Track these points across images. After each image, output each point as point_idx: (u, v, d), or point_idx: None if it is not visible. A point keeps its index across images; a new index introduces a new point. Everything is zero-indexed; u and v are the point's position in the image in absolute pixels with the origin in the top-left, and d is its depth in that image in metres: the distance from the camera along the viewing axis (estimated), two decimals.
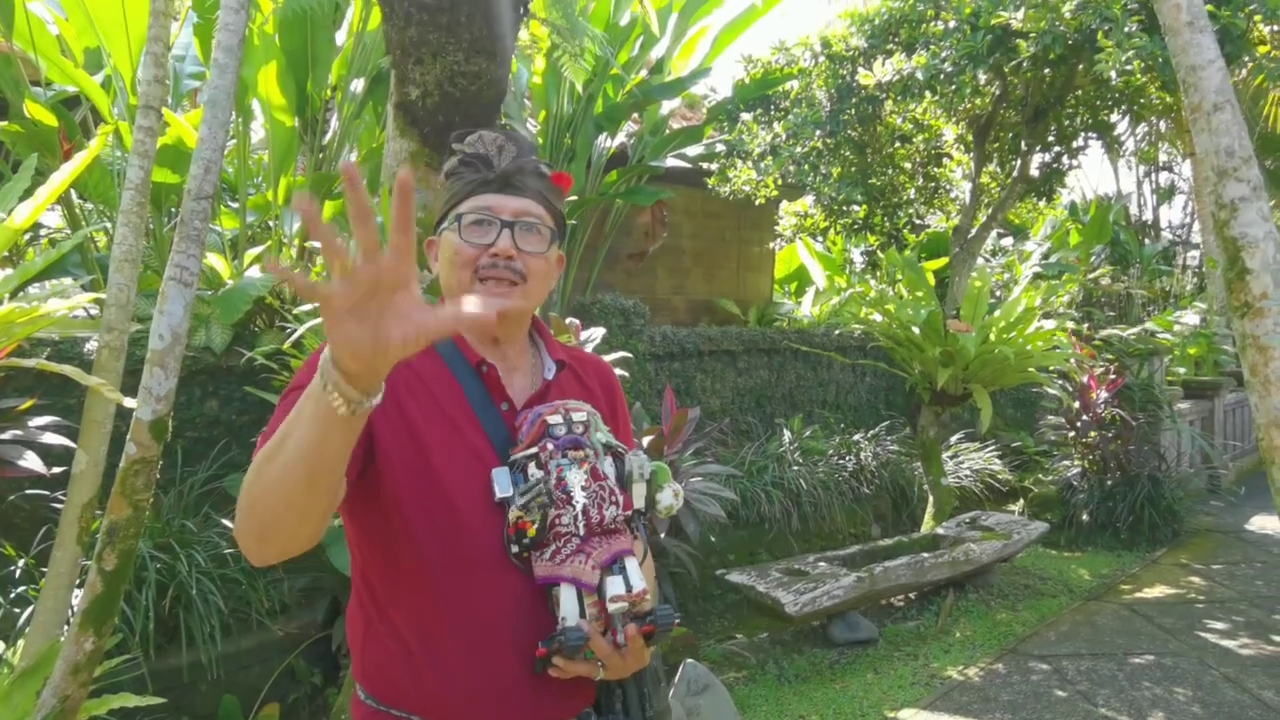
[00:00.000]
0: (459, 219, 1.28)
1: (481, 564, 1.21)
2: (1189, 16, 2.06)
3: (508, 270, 1.27)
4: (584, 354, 1.51)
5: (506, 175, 1.30)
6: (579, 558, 1.19)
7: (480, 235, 1.27)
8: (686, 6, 6.90)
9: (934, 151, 7.20)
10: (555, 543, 1.20)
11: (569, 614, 1.17)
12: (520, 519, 1.19)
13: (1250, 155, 2.02)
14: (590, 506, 1.21)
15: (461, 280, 1.28)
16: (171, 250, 2.48)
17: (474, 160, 1.32)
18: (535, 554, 1.20)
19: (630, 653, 1.20)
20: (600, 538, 1.22)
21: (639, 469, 1.28)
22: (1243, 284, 2.00)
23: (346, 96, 5.44)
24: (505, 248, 1.27)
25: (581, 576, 1.18)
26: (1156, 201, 14.30)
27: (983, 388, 5.79)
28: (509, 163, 1.31)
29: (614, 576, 1.19)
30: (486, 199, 1.29)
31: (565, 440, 1.24)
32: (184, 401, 4.01)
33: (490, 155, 1.32)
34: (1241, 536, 7.08)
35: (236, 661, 3.55)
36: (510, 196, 1.29)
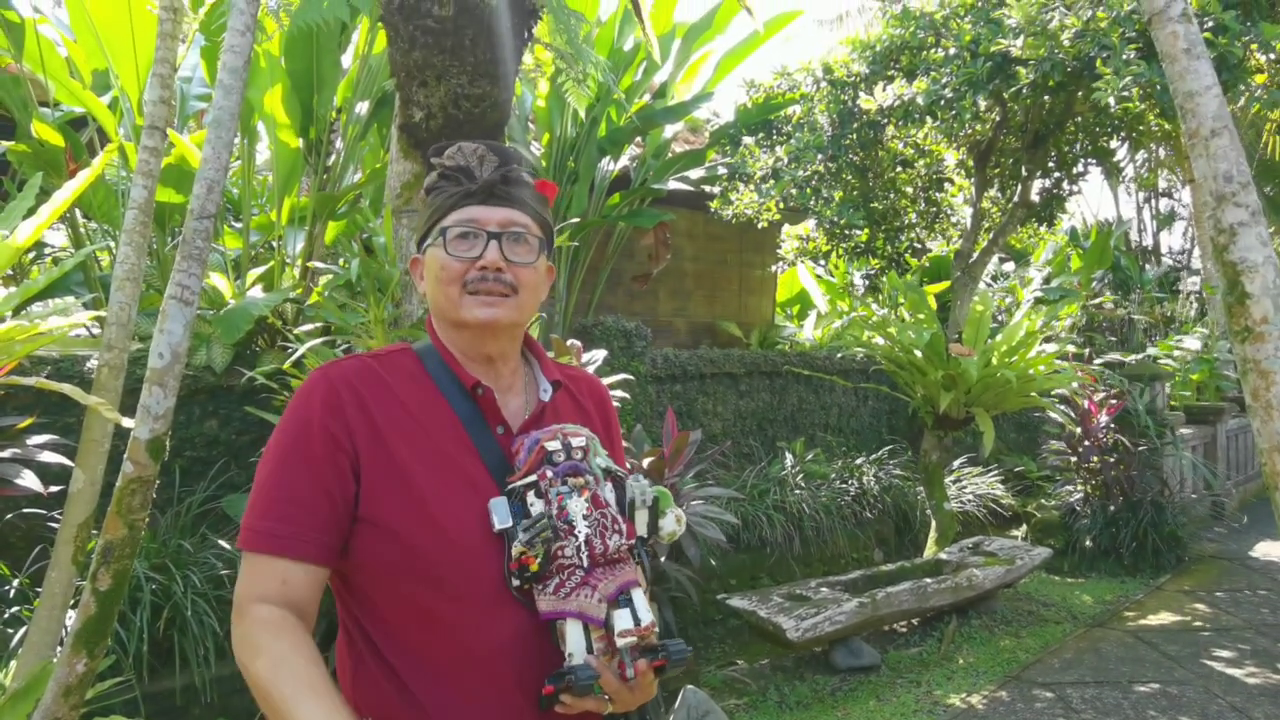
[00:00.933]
0: (443, 233, 1.24)
1: (481, 599, 1.15)
2: (1186, 44, 2.07)
3: (498, 283, 1.23)
4: (578, 372, 1.47)
5: (490, 185, 1.25)
6: (584, 591, 1.14)
7: (466, 248, 1.23)
8: (689, 32, 6.97)
9: (935, 176, 7.24)
10: (558, 575, 1.15)
11: (576, 650, 1.13)
12: (523, 554, 1.14)
13: (1249, 180, 2.02)
14: (593, 536, 1.16)
15: (450, 296, 1.24)
16: (173, 269, 2.48)
17: (454, 172, 1.27)
18: (538, 588, 1.15)
19: (639, 687, 1.16)
20: (604, 568, 1.17)
21: (641, 496, 1.24)
22: (1243, 309, 2.00)
23: (351, 118, 5.48)
24: (494, 259, 1.23)
25: (588, 611, 1.14)
26: (1157, 227, 14.35)
27: (985, 412, 5.78)
28: (491, 172, 1.26)
29: (621, 610, 1.15)
30: (470, 211, 1.24)
31: (565, 467, 1.19)
32: (183, 421, 4.00)
33: (471, 166, 1.27)
34: (1246, 564, 7.03)
35: (230, 684, 3.51)
36: (495, 207, 1.25)
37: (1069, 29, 4.97)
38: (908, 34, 5.83)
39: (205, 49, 5.02)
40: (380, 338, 2.99)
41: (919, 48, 5.78)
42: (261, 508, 1.16)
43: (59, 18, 6.35)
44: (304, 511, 1.15)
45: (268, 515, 1.16)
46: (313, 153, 5.26)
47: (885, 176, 6.98)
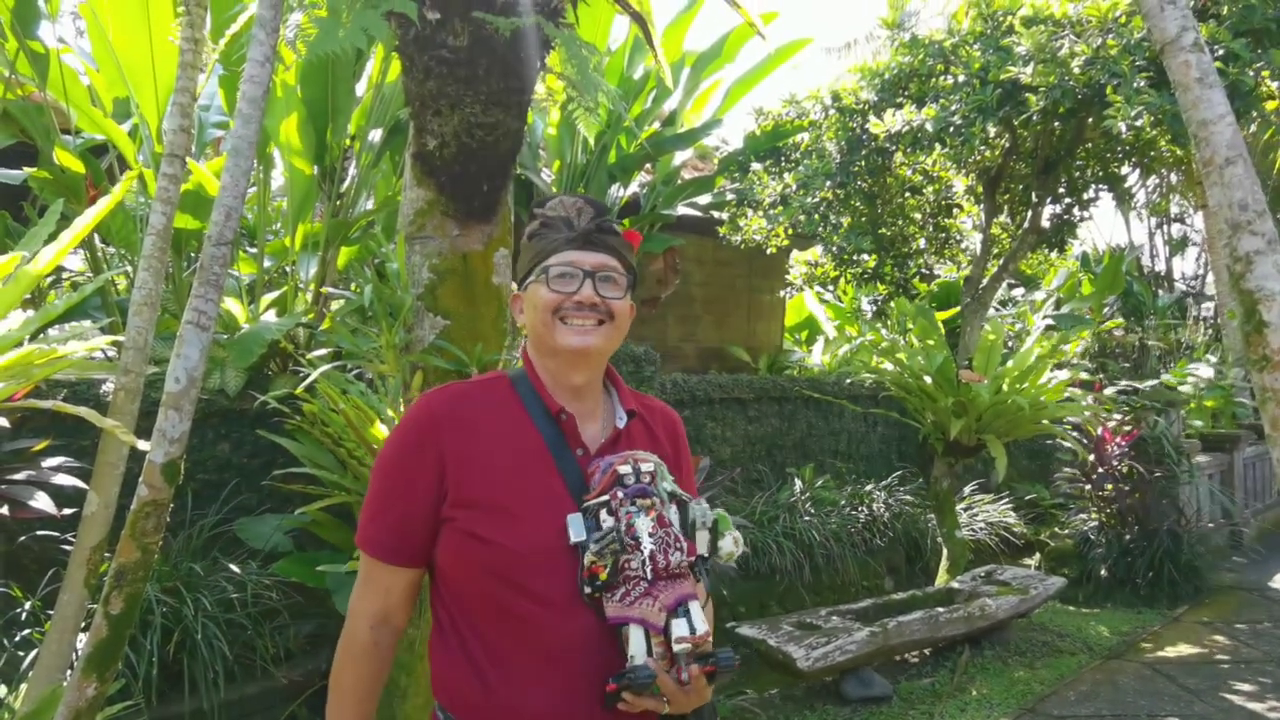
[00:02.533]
0: (545, 271, 1.42)
1: (556, 602, 1.30)
2: (1198, 73, 2.08)
3: (593, 311, 1.41)
4: (654, 402, 1.63)
5: (587, 234, 1.43)
6: (647, 600, 1.28)
7: (565, 285, 1.41)
8: (699, 61, 7.03)
9: (944, 202, 7.25)
10: (624, 585, 1.29)
11: (637, 653, 1.26)
12: (594, 563, 1.28)
13: (1264, 209, 2.02)
14: (657, 552, 1.30)
15: (546, 322, 1.41)
16: (190, 294, 2.51)
17: (555, 221, 1.45)
18: (606, 595, 1.29)
19: (693, 690, 1.28)
20: (666, 581, 1.30)
21: (702, 517, 1.38)
22: (1260, 337, 1.99)
23: (365, 146, 5.54)
24: (589, 295, 1.41)
25: (649, 618, 1.27)
26: (1169, 253, 14.31)
27: (996, 438, 5.74)
28: (587, 222, 1.44)
29: (679, 619, 1.27)
30: (570, 255, 1.42)
31: (634, 489, 1.34)
32: (196, 444, 4.02)
33: (570, 217, 1.45)
34: (1266, 594, 6.93)
35: (240, 709, 3.50)
36: (591, 252, 1.43)
37: (1079, 56, 5.00)
38: (916, 61, 5.86)
39: (224, 78, 5.10)
40: (391, 363, 3.00)
41: (928, 75, 5.81)
42: (369, 514, 1.43)
43: (82, 47, 6.47)
44: (401, 522, 1.39)
45: (374, 522, 1.42)
46: (326, 180, 5.32)
47: (894, 203, 7.00)
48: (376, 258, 4.82)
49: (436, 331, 2.90)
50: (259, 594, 3.65)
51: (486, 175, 2.95)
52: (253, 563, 3.86)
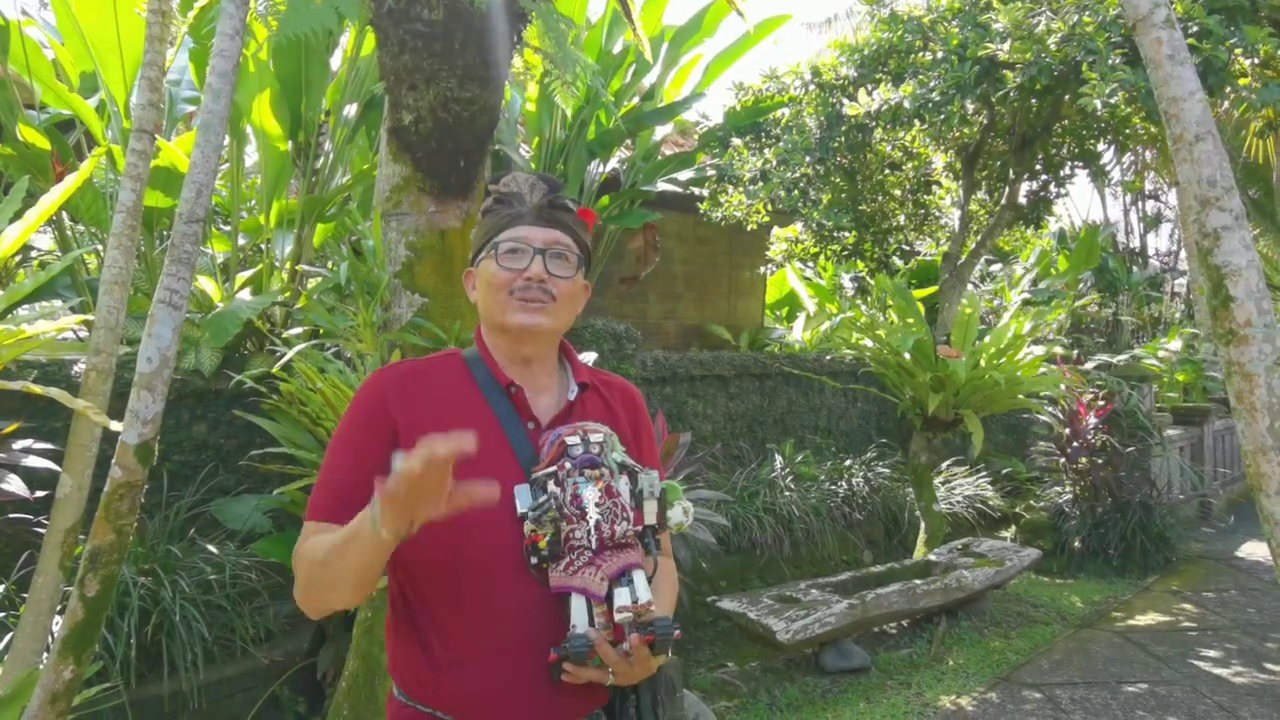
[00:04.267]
0: (495, 248, 1.42)
1: (502, 573, 1.31)
2: (1170, 50, 2.09)
3: (540, 291, 1.40)
4: (611, 376, 1.63)
5: (538, 209, 1.44)
6: (590, 570, 1.29)
7: (515, 261, 1.41)
8: (678, 35, 6.98)
9: (923, 179, 7.27)
10: (569, 555, 1.30)
11: (579, 622, 1.27)
12: (534, 532, 1.30)
13: (1232, 185, 2.04)
14: (603, 522, 1.31)
15: (499, 301, 1.42)
16: (162, 273, 2.47)
17: (508, 198, 1.46)
18: (552, 565, 1.30)
19: (636, 661, 1.28)
20: (611, 551, 1.31)
21: (649, 487, 1.38)
22: (1227, 312, 2.01)
23: (340, 121, 5.47)
24: (538, 271, 1.40)
25: (591, 587, 1.28)
26: (1144, 229, 14.44)
27: (973, 413, 5.80)
28: (540, 198, 1.45)
29: (622, 588, 1.28)
30: (520, 230, 1.43)
31: (582, 459, 1.35)
32: (172, 425, 3.98)
33: (523, 192, 1.46)
34: (1233, 564, 7.07)
35: (219, 690, 3.50)
36: (542, 228, 1.43)
37: (1055, 33, 5.00)
38: (895, 38, 5.85)
39: (194, 52, 5.00)
40: (369, 341, 2.99)
41: (907, 51, 5.80)
42: (316, 487, 1.40)
43: (46, 19, 6.32)
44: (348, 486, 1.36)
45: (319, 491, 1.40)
46: (301, 156, 5.25)
47: (873, 179, 7.01)
48: (353, 235, 4.77)
49: (414, 309, 2.88)
50: (238, 575, 3.64)
51: (463, 151, 2.92)
52: (231, 544, 3.85)
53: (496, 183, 1.49)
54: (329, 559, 1.24)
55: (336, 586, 1.26)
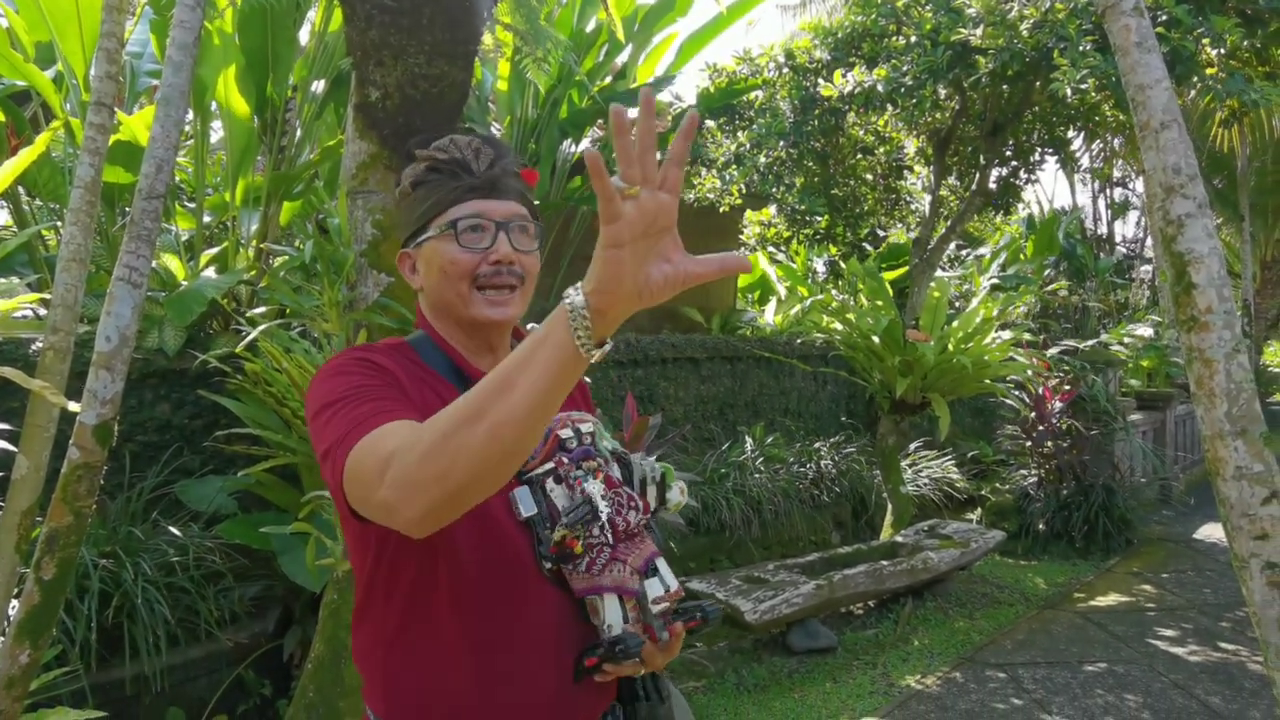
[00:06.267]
0: (454, 225, 1.23)
1: (520, 586, 1.19)
2: (1138, 37, 2.10)
3: (510, 275, 1.25)
4: None
5: (493, 180, 1.26)
6: (616, 566, 1.21)
7: (477, 240, 1.24)
8: (650, 14, 6.93)
9: (895, 164, 7.29)
10: (588, 554, 1.20)
11: (615, 622, 1.19)
12: (566, 537, 1.19)
13: (1196, 173, 2.06)
14: (614, 515, 1.23)
15: (459, 292, 1.24)
16: (121, 250, 2.42)
17: (448, 166, 1.26)
18: (567, 568, 1.21)
19: (670, 648, 1.24)
20: (626, 543, 1.23)
21: (651, 472, 1.32)
22: (1189, 298, 2.04)
23: (308, 97, 5.38)
24: (508, 252, 1.25)
25: (626, 584, 1.20)
26: (1111, 216, 14.61)
27: (941, 397, 5.85)
28: (487, 166, 1.27)
29: (651, 579, 1.23)
30: (476, 204, 1.24)
31: (578, 452, 1.26)
32: (134, 405, 3.92)
33: (468, 160, 1.27)
34: (1191, 545, 7.22)
35: (183, 673, 3.46)
36: (499, 200, 1.26)
37: (1027, 19, 5.02)
38: (869, 21, 5.85)
39: (155, 23, 4.89)
40: (335, 321, 2.95)
41: (880, 35, 5.80)
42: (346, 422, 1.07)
43: None
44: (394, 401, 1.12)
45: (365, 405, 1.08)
46: (268, 132, 5.15)
47: (846, 163, 7.02)
48: (319, 213, 4.70)
49: (380, 289, 2.85)
50: (201, 557, 3.60)
51: (431, 128, 2.87)
52: (195, 525, 3.80)
53: (428, 147, 1.28)
54: (478, 407, 0.90)
55: (507, 442, 0.90)
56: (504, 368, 0.90)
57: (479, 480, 0.92)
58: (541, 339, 0.89)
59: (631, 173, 0.84)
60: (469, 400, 0.91)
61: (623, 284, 0.86)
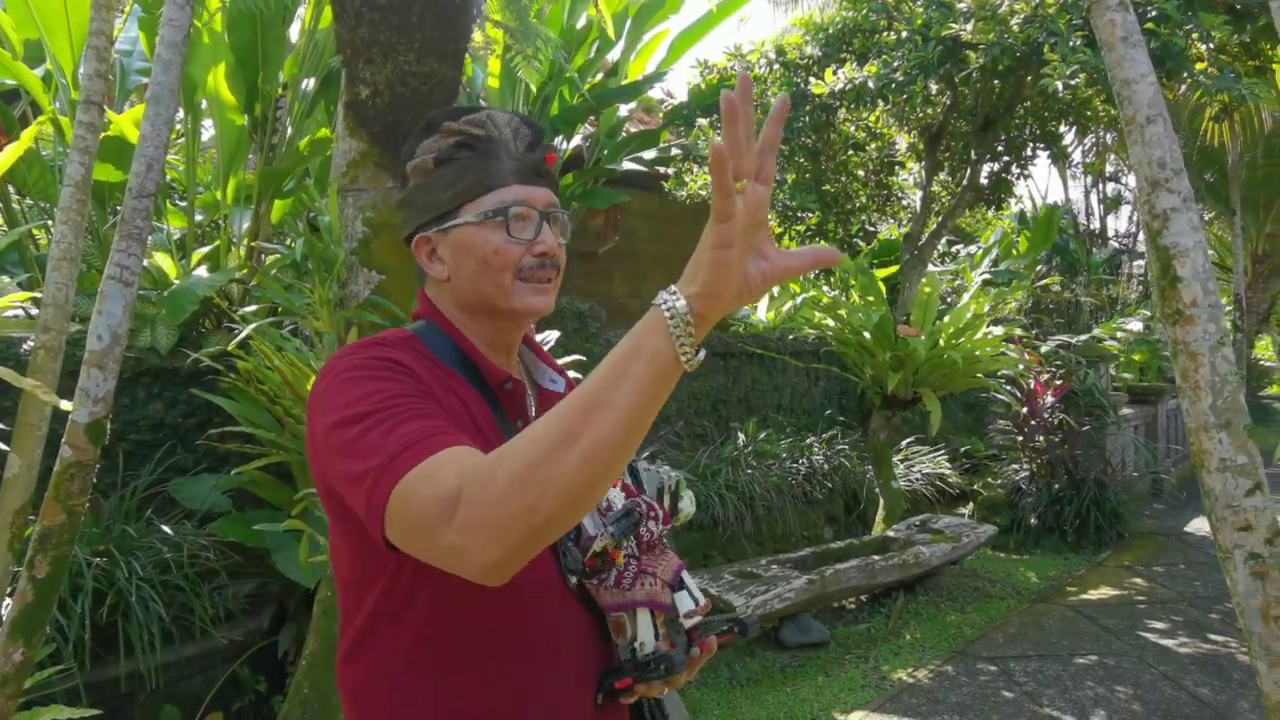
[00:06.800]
0: (503, 213, 1.12)
1: (550, 603, 1.10)
2: (1123, 32, 2.11)
3: (551, 268, 1.16)
4: None
5: (536, 164, 1.16)
6: (646, 579, 1.12)
7: (523, 230, 1.13)
8: (641, 11, 6.93)
9: (886, 159, 7.30)
10: (615, 567, 1.13)
11: (647, 639, 1.11)
12: (608, 548, 1.12)
13: (1181, 168, 2.08)
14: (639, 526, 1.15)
15: (502, 283, 1.13)
16: (112, 249, 2.43)
17: (485, 144, 1.14)
18: (592, 583, 1.12)
19: (695, 663, 1.17)
20: (649, 556, 1.16)
21: (668, 480, 1.25)
22: (1174, 292, 2.06)
23: (298, 95, 5.37)
24: (552, 244, 1.15)
25: (658, 598, 1.12)
26: (1104, 211, 14.66)
27: (932, 392, 5.88)
28: (533, 149, 1.18)
29: (680, 592, 1.15)
30: (519, 190, 1.14)
31: None
32: (127, 404, 3.92)
33: (507, 139, 1.16)
34: (1182, 538, 7.26)
35: (178, 670, 3.47)
36: (538, 187, 1.16)
37: (1018, 14, 5.03)
38: (860, 17, 5.86)
39: (144, 20, 4.88)
40: (326, 319, 2.95)
41: (871, 30, 5.81)
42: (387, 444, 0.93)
43: None
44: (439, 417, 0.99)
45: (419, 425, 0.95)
46: (258, 130, 5.15)
47: (837, 159, 7.03)
48: (310, 211, 4.70)
49: (371, 286, 2.86)
50: (196, 555, 3.60)
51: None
52: (189, 523, 3.80)
53: (458, 120, 1.16)
54: (574, 427, 0.81)
55: (603, 463, 0.82)
56: (591, 386, 0.83)
57: (570, 511, 0.84)
58: (634, 349, 0.82)
59: (744, 165, 0.81)
60: (554, 424, 0.83)
61: (729, 285, 0.81)
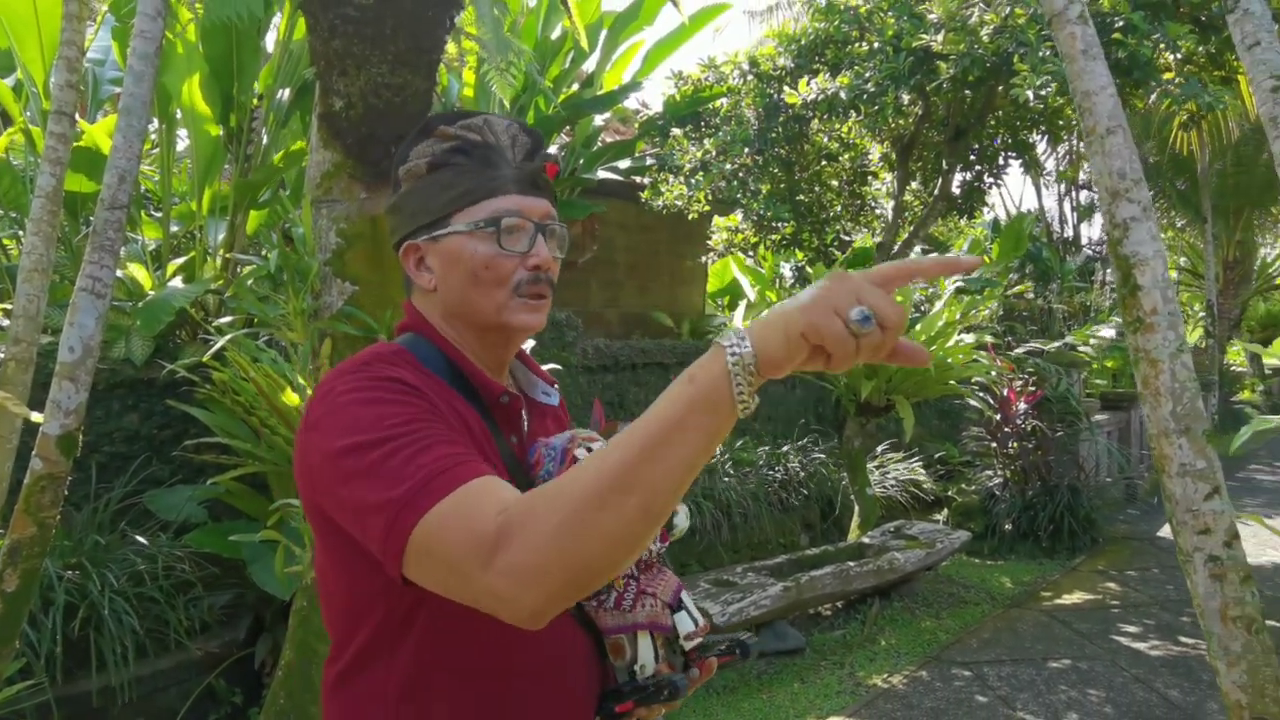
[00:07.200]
0: (496, 225, 1.07)
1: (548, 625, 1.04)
2: (1083, 45, 2.16)
3: (545, 283, 1.11)
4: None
5: (534, 174, 1.11)
6: (647, 600, 1.09)
7: (516, 243, 1.08)
8: (616, 22, 6.98)
9: (859, 170, 7.38)
10: (614, 589, 1.09)
11: (648, 661, 1.08)
12: None
13: (1141, 177, 2.13)
14: None
15: (494, 298, 1.08)
16: (84, 260, 2.42)
17: (481, 151, 1.09)
18: (591, 604, 1.08)
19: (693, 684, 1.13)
20: (647, 576, 1.11)
21: None
22: (1135, 300, 2.10)
23: (273, 105, 5.37)
24: (547, 258, 1.10)
25: (660, 620, 1.08)
26: (1077, 219, 14.85)
27: (905, 399, 5.94)
28: (524, 157, 1.12)
29: (680, 613, 1.11)
30: (514, 200, 1.08)
31: None
32: (101, 416, 3.90)
33: (504, 147, 1.11)
34: (1154, 543, 7.35)
35: (152, 684, 3.45)
36: (536, 198, 1.11)
37: (988, 25, 5.12)
38: (832, 28, 5.93)
39: (117, 30, 4.87)
40: (300, 330, 2.96)
41: (843, 41, 5.88)
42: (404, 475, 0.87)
43: None
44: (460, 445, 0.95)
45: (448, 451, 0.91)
46: (234, 141, 5.14)
47: (811, 170, 7.10)
48: (285, 222, 4.70)
49: (345, 297, 2.86)
50: (171, 566, 3.58)
51: (395, 137, 2.90)
52: (164, 535, 3.78)
53: (453, 124, 1.11)
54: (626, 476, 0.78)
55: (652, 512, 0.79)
56: (648, 432, 0.78)
57: (621, 560, 0.81)
58: (694, 397, 0.78)
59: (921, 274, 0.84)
60: (607, 470, 0.78)
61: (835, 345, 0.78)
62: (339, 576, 1.06)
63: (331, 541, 1.02)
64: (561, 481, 0.82)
